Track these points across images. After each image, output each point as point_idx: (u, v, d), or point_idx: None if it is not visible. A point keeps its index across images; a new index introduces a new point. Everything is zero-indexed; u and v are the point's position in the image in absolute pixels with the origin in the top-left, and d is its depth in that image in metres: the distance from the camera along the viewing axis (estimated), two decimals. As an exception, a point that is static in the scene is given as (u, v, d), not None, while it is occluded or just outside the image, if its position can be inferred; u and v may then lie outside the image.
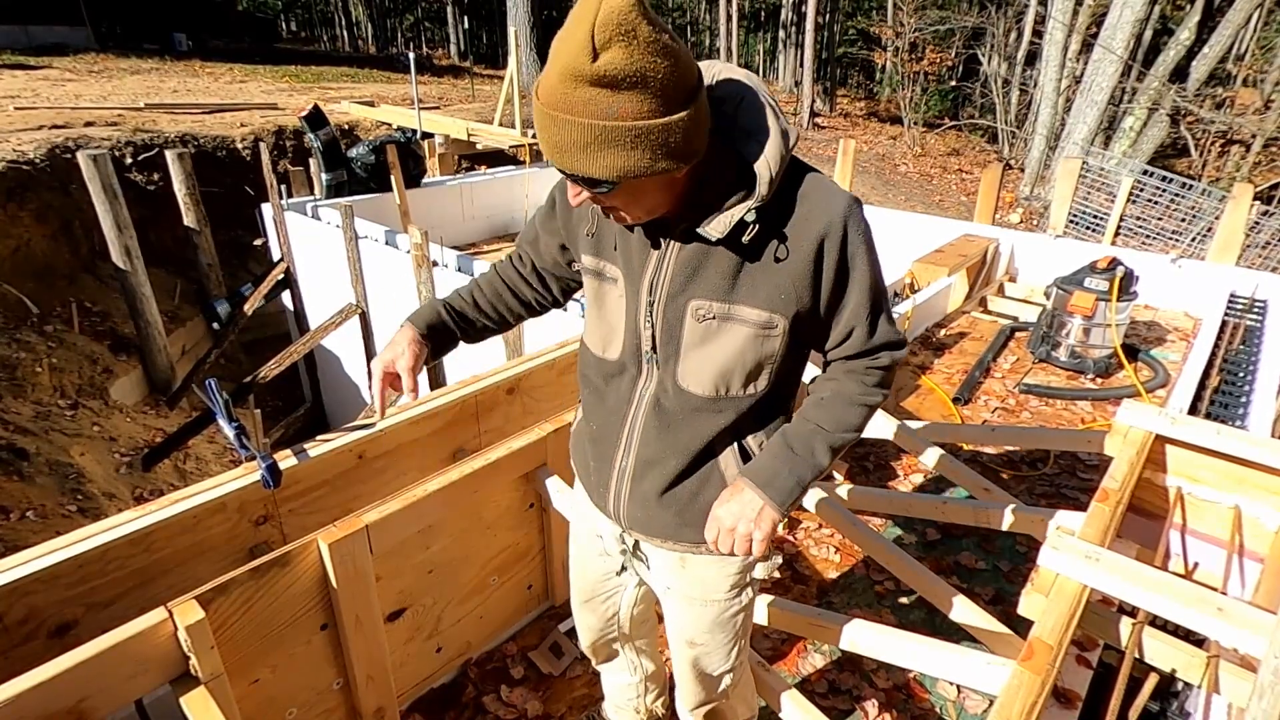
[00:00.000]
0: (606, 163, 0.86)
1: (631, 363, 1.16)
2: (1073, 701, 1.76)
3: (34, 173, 7.12)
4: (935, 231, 5.98)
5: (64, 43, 17.30)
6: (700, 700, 1.46)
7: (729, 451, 1.16)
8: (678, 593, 1.30)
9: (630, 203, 0.96)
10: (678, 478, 1.16)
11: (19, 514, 4.53)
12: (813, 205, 1.01)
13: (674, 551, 1.24)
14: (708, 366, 1.08)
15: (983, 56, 20.71)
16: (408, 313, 1.38)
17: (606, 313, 1.17)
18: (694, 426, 1.13)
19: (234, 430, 1.76)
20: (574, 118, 0.84)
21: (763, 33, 34.82)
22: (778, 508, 1.09)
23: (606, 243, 1.14)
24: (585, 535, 1.45)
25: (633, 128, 0.84)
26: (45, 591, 1.51)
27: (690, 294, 1.05)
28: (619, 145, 0.85)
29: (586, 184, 0.92)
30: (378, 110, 11.37)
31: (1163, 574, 1.35)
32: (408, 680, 1.96)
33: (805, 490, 1.12)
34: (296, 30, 40.17)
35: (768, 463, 1.12)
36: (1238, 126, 15.13)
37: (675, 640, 1.39)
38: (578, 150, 0.86)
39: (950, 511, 2.36)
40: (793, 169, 1.04)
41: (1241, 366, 3.66)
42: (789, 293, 1.03)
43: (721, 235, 0.99)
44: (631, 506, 1.22)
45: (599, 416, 1.24)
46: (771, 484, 1.09)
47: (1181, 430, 1.81)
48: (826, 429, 1.12)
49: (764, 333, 1.05)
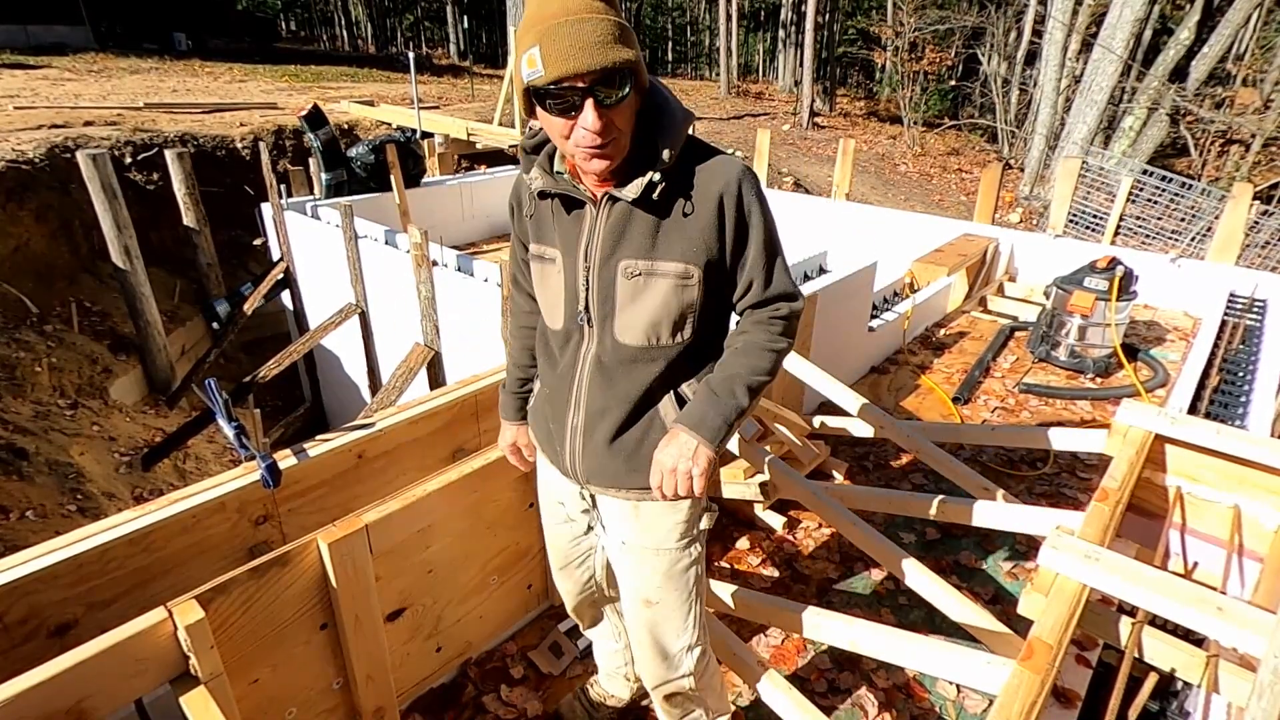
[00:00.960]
0: (628, 51, 1.05)
1: (574, 328, 1.30)
2: (1072, 701, 1.76)
3: (33, 172, 7.12)
4: (935, 231, 5.98)
5: (63, 42, 17.31)
6: (660, 676, 1.49)
7: (667, 399, 1.31)
8: (632, 544, 1.41)
9: (625, 115, 1.11)
10: (623, 425, 1.31)
11: (19, 514, 4.53)
12: (712, 170, 1.19)
13: (627, 500, 1.37)
14: (639, 319, 1.23)
15: (982, 56, 20.72)
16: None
17: (549, 289, 1.33)
18: (632, 376, 1.28)
19: (234, 430, 1.76)
20: (600, 16, 1.03)
21: (762, 32, 34.82)
22: (709, 444, 1.22)
23: (545, 227, 1.30)
24: (550, 503, 1.59)
25: (625, 24, 1.06)
26: (45, 591, 1.51)
27: (619, 255, 1.21)
28: (627, 37, 1.06)
29: (610, 81, 1.05)
30: (377, 110, 11.37)
31: (1162, 573, 1.35)
32: (407, 680, 1.96)
33: (732, 429, 1.25)
34: (296, 30, 40.16)
35: (695, 408, 1.25)
36: (1237, 126, 15.13)
37: (631, 604, 1.46)
38: (611, 41, 1.03)
39: (950, 511, 2.36)
40: (696, 145, 1.22)
41: (1241, 366, 3.67)
42: (699, 244, 1.19)
43: (636, 196, 1.16)
44: (586, 459, 1.36)
45: (551, 380, 1.40)
46: (701, 425, 1.23)
47: (1181, 430, 1.81)
48: (742, 373, 1.26)
49: (683, 283, 1.21)
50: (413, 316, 5.43)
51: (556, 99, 1.06)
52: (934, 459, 2.63)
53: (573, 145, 1.12)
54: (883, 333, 4.35)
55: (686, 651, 1.46)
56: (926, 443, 2.67)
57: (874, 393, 4.04)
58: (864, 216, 6.68)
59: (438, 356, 5.44)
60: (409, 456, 2.22)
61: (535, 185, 1.26)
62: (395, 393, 5.23)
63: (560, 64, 1.02)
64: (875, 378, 4.25)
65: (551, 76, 1.03)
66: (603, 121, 1.07)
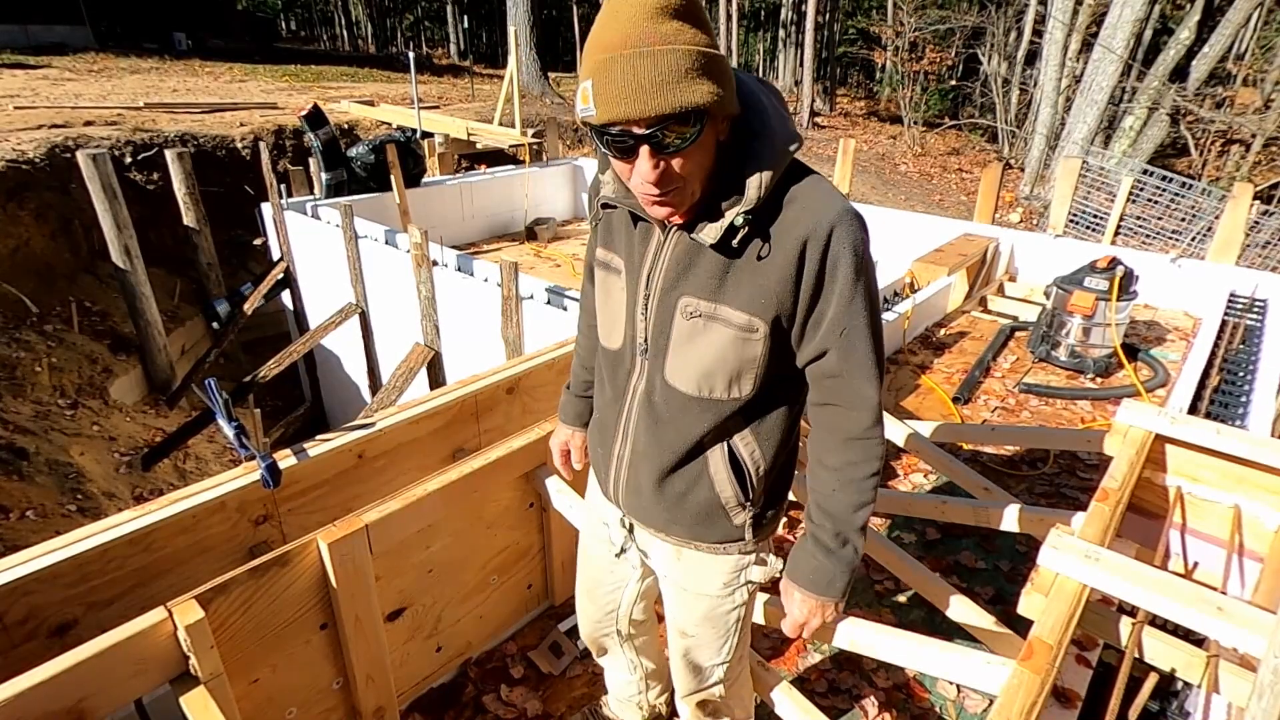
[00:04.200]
0: (701, 89, 0.87)
1: (629, 354, 1.19)
2: (1072, 701, 1.76)
3: (33, 172, 7.12)
4: (935, 231, 5.98)
5: (63, 42, 17.30)
6: (690, 688, 1.49)
7: (719, 456, 1.17)
8: (672, 581, 1.35)
9: (696, 159, 0.95)
10: (668, 472, 1.20)
11: (19, 514, 4.53)
12: (802, 207, 1.01)
13: (668, 544, 1.30)
14: (692, 365, 1.10)
15: (983, 56, 20.71)
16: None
17: (611, 302, 1.20)
18: (680, 425, 1.15)
19: (234, 430, 1.77)
20: (668, 46, 0.85)
21: (763, 32, 34.80)
22: (841, 599, 1.21)
23: (615, 233, 1.18)
24: (594, 523, 1.49)
25: (710, 53, 0.88)
26: (45, 591, 1.51)
27: (681, 290, 1.07)
28: (707, 69, 0.87)
29: (673, 125, 0.88)
30: (377, 110, 11.36)
31: (1162, 573, 1.35)
32: (407, 680, 1.96)
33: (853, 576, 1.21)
34: (296, 30, 40.17)
35: (818, 570, 1.18)
36: (1237, 126, 15.13)
37: (670, 626, 1.43)
38: (678, 80, 0.86)
39: (950, 511, 2.36)
40: (793, 171, 1.03)
41: (1241, 366, 3.66)
42: (769, 295, 1.03)
43: (713, 241, 1.01)
44: (628, 493, 1.28)
45: (602, 403, 1.31)
46: (830, 588, 1.19)
47: (1181, 430, 1.81)
48: (852, 518, 1.16)
49: (745, 335, 1.06)
50: (413, 316, 5.43)
51: (612, 139, 0.92)
52: (934, 459, 2.62)
53: (632, 188, 1.00)
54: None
55: (719, 667, 1.43)
56: (926, 443, 2.67)
57: (874, 393, 4.03)
58: (864, 216, 6.68)
59: (438, 356, 5.44)
60: (409, 456, 2.22)
61: (604, 191, 1.13)
62: (395, 393, 5.23)
63: (610, 107, 0.87)
64: (875, 378, 4.24)
65: (602, 119, 0.89)
66: (660, 172, 0.93)
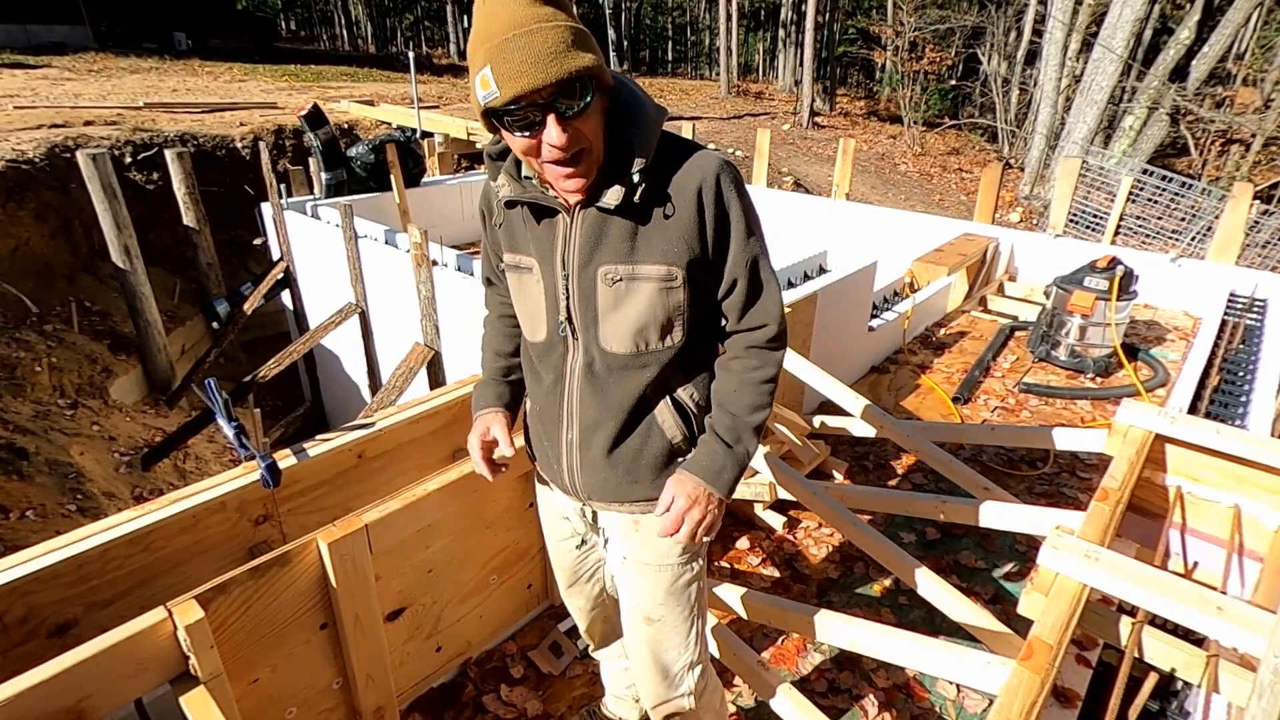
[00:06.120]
0: (586, 56, 0.98)
1: (558, 339, 1.26)
2: (1072, 701, 1.76)
3: (33, 172, 7.12)
4: (935, 231, 5.98)
5: (63, 42, 17.31)
6: (660, 695, 1.47)
7: (664, 405, 1.26)
8: (633, 560, 1.38)
9: (593, 123, 1.05)
10: (620, 435, 1.26)
11: (19, 513, 4.53)
12: (689, 165, 1.14)
13: (629, 514, 1.34)
14: (625, 325, 1.19)
15: (982, 56, 20.72)
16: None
17: (529, 299, 1.27)
18: (624, 384, 1.23)
19: (233, 430, 1.76)
20: (550, 24, 0.97)
21: (762, 32, 34.81)
22: (725, 496, 1.24)
23: (518, 235, 1.25)
24: (553, 520, 1.53)
25: (583, 29, 1.01)
26: (45, 591, 1.51)
27: (598, 261, 1.16)
28: (583, 42, 0.99)
29: (571, 91, 0.99)
30: (377, 109, 11.37)
31: (1162, 573, 1.35)
32: (407, 680, 1.96)
33: (741, 475, 1.26)
34: (296, 29, 40.17)
35: (710, 459, 1.23)
36: (1237, 125, 15.13)
37: (632, 621, 1.43)
38: (565, 50, 0.97)
39: (950, 511, 2.36)
40: (672, 142, 1.17)
41: (1241, 366, 3.67)
42: (680, 244, 1.14)
43: (617, 202, 1.11)
44: (584, 475, 1.31)
45: (539, 396, 1.35)
46: (718, 478, 1.23)
47: (1181, 429, 1.81)
48: (746, 418, 1.25)
49: (667, 285, 1.16)
50: (413, 316, 5.43)
51: (516, 118, 1.00)
52: (934, 459, 2.62)
53: (541, 163, 1.07)
54: (883, 332, 4.35)
55: (688, 670, 1.43)
56: (926, 442, 2.67)
57: (874, 392, 4.03)
58: (864, 216, 6.68)
59: (438, 356, 5.44)
60: (409, 456, 2.22)
61: (503, 193, 1.20)
62: (395, 392, 5.23)
63: (514, 82, 0.96)
64: (875, 377, 4.25)
65: (508, 96, 0.97)
66: (568, 135, 1.02)
